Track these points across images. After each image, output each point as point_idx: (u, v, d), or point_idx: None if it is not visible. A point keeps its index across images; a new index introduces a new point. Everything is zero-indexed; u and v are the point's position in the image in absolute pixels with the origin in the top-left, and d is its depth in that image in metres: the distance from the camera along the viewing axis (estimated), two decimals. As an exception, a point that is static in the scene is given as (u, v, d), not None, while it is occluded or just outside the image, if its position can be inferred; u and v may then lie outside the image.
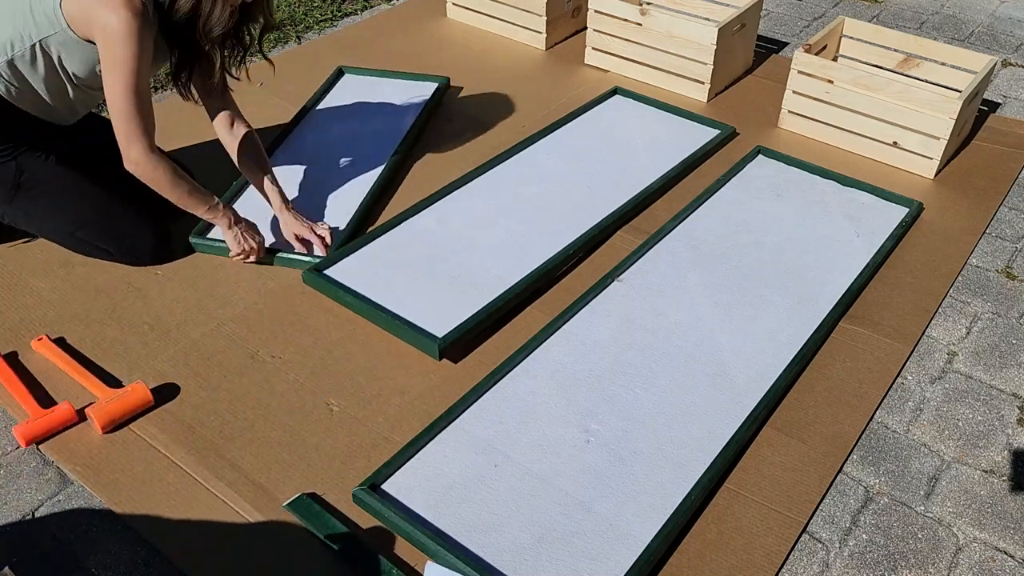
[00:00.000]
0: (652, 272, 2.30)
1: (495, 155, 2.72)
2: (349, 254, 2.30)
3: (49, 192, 2.15)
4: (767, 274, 2.30)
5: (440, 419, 1.87)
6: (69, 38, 1.95)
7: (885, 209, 2.55)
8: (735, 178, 2.66)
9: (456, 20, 3.59)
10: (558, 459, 1.81)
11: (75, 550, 1.65)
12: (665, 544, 1.64)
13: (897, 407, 1.98)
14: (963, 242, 2.46)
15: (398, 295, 2.18)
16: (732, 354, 2.06)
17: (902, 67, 2.98)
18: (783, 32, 3.62)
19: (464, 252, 2.34)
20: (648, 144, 2.81)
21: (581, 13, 3.45)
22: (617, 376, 2.00)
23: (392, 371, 2.02)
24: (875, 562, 1.67)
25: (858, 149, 2.81)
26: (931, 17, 3.76)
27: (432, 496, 1.72)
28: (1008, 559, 1.68)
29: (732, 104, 3.08)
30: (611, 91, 3.06)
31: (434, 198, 2.52)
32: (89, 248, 2.26)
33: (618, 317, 2.16)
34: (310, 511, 1.68)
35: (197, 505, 1.71)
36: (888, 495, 1.79)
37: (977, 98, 2.78)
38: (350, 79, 3.11)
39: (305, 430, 1.87)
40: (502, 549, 1.63)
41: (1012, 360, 2.11)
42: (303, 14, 3.62)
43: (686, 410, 1.92)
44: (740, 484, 1.79)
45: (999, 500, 1.79)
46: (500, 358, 2.04)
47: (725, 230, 2.45)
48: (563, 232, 2.40)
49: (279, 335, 2.11)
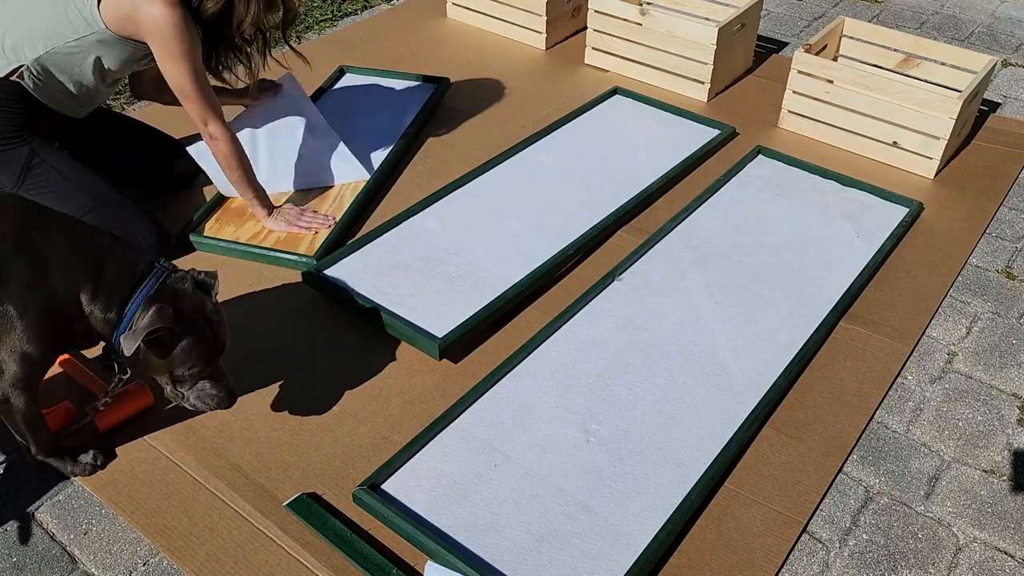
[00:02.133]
0: (652, 272, 2.30)
1: (495, 155, 2.72)
2: (349, 254, 2.30)
3: (57, 179, 2.18)
4: (767, 274, 2.30)
5: (440, 419, 1.87)
6: (109, 37, 2.04)
7: (885, 209, 2.55)
8: (735, 178, 2.66)
9: (456, 20, 3.59)
10: (558, 459, 1.81)
11: (75, 550, 1.65)
12: (665, 544, 1.64)
13: (897, 407, 1.98)
14: (963, 242, 2.46)
15: (398, 295, 2.18)
16: (732, 354, 2.06)
17: (902, 67, 2.98)
18: (783, 32, 3.62)
19: (464, 252, 2.34)
20: (648, 144, 2.81)
21: (581, 13, 3.45)
22: (617, 376, 2.00)
23: (392, 371, 2.02)
24: (875, 562, 1.67)
25: (858, 149, 2.81)
26: (931, 17, 3.76)
27: (432, 496, 1.72)
28: (1008, 559, 1.68)
29: (732, 104, 3.08)
30: (611, 91, 3.06)
31: (434, 198, 2.52)
32: None
33: (618, 317, 2.16)
34: (310, 511, 1.68)
35: (197, 505, 1.71)
36: (888, 495, 1.79)
37: (977, 98, 2.78)
38: (351, 78, 3.11)
39: (305, 430, 1.87)
40: (502, 549, 1.63)
41: (1012, 360, 2.11)
42: (303, 14, 3.62)
43: (686, 410, 1.92)
44: (740, 484, 1.79)
45: (999, 500, 1.79)
46: (500, 358, 2.04)
47: (725, 230, 2.45)
48: (563, 232, 2.40)
49: (279, 335, 2.11)
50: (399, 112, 2.91)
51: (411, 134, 2.79)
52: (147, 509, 1.71)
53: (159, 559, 1.63)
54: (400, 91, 3.03)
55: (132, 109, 2.99)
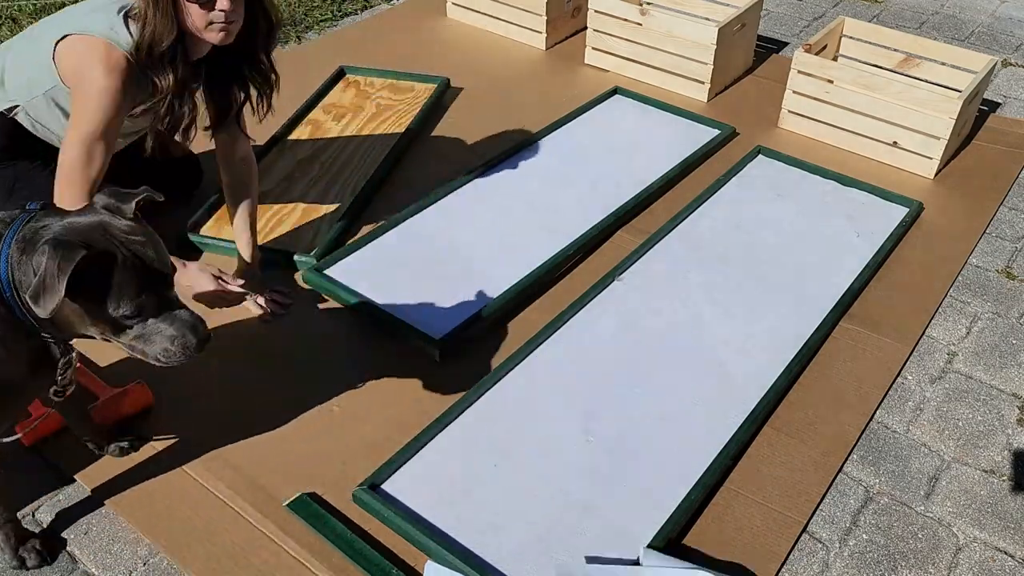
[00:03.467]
0: (652, 272, 2.30)
1: (495, 155, 2.72)
2: (349, 254, 2.30)
3: (40, 195, 2.13)
4: (767, 274, 2.30)
5: (440, 419, 1.87)
6: (63, 90, 1.90)
7: (885, 209, 2.55)
8: (735, 178, 2.66)
9: (456, 20, 3.59)
10: (558, 459, 1.81)
11: (75, 550, 1.65)
12: (665, 544, 1.64)
13: (897, 407, 1.98)
14: (963, 242, 2.46)
15: (398, 295, 2.18)
16: (732, 354, 2.06)
17: (902, 67, 2.98)
18: (783, 32, 3.62)
19: (464, 252, 2.34)
20: (648, 144, 2.81)
21: (581, 13, 3.45)
22: (617, 376, 2.00)
23: (392, 371, 2.02)
24: (875, 562, 1.67)
25: (858, 149, 2.81)
26: (931, 17, 3.76)
27: (432, 496, 1.72)
28: (1008, 559, 1.68)
29: (732, 104, 3.08)
30: (611, 91, 3.06)
31: (434, 198, 2.52)
32: None
33: (618, 317, 2.16)
34: (310, 511, 1.68)
35: (197, 505, 1.71)
36: (888, 495, 1.79)
37: (977, 98, 2.78)
38: (352, 78, 3.11)
39: (305, 430, 1.87)
40: (502, 549, 1.63)
41: (1012, 360, 2.11)
42: (303, 14, 3.62)
43: (686, 410, 1.92)
44: (740, 484, 1.79)
45: (999, 500, 1.79)
46: (500, 358, 2.04)
47: (725, 230, 2.45)
48: (563, 232, 2.40)
49: (279, 335, 2.10)
50: (399, 111, 2.91)
51: (409, 134, 2.80)
52: (147, 509, 1.70)
53: (159, 559, 1.63)
54: (401, 90, 3.03)
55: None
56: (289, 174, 2.62)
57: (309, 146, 2.75)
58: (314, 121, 2.87)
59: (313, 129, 2.83)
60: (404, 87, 3.06)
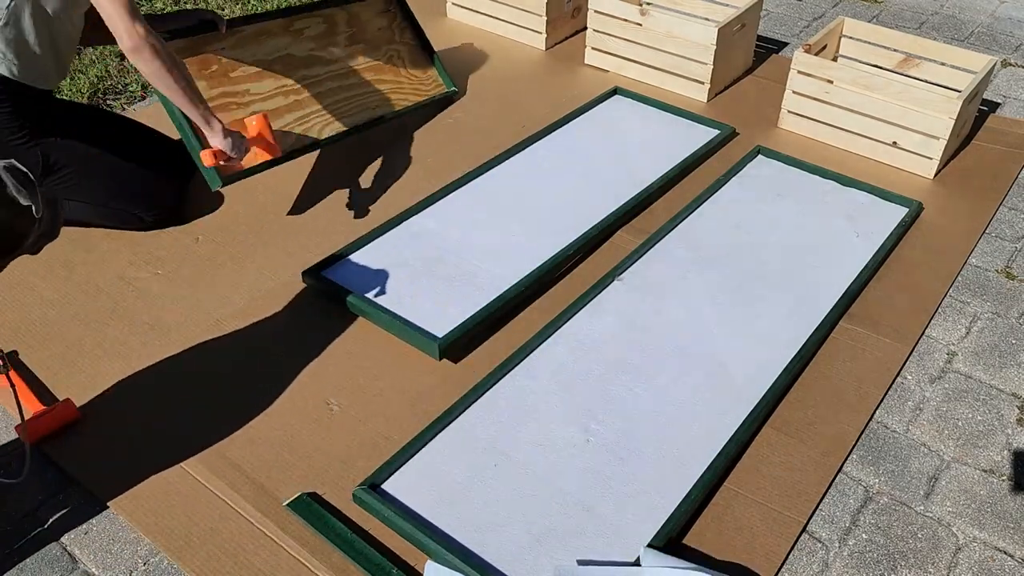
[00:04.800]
0: (652, 272, 2.30)
1: (495, 155, 2.72)
2: (349, 254, 2.31)
3: (78, 172, 2.21)
4: (767, 274, 2.30)
5: (440, 419, 1.87)
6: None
7: (885, 209, 2.55)
8: (735, 178, 2.66)
9: (456, 20, 3.59)
10: (558, 459, 1.81)
11: (75, 550, 1.65)
12: (665, 543, 1.64)
13: (897, 407, 1.98)
14: (963, 242, 2.46)
15: (398, 295, 2.18)
16: (732, 354, 2.06)
17: (902, 67, 2.98)
18: (783, 32, 3.62)
19: (464, 252, 2.34)
20: (648, 144, 2.81)
21: (581, 13, 3.45)
22: (617, 376, 2.00)
23: (392, 371, 2.02)
24: (875, 562, 1.67)
25: (858, 149, 2.81)
26: (931, 17, 3.76)
27: (432, 496, 1.73)
28: (1008, 559, 1.68)
29: (732, 104, 3.08)
30: (611, 91, 3.06)
31: (434, 198, 2.52)
32: (124, 216, 2.34)
33: (618, 317, 2.16)
34: (310, 511, 1.68)
35: (197, 505, 1.71)
36: (888, 495, 1.80)
37: (977, 98, 2.78)
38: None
39: (305, 430, 1.88)
40: (502, 549, 1.63)
41: (1012, 360, 2.11)
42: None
43: (686, 410, 1.92)
44: (740, 484, 1.79)
45: (999, 500, 1.79)
46: (500, 358, 2.05)
47: (725, 230, 2.45)
48: (563, 232, 2.40)
49: (279, 335, 2.11)
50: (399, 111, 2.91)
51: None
52: (147, 509, 1.71)
53: (159, 559, 1.63)
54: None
55: (132, 110, 2.99)
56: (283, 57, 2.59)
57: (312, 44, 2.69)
58: (331, 21, 2.78)
59: (328, 29, 2.75)
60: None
